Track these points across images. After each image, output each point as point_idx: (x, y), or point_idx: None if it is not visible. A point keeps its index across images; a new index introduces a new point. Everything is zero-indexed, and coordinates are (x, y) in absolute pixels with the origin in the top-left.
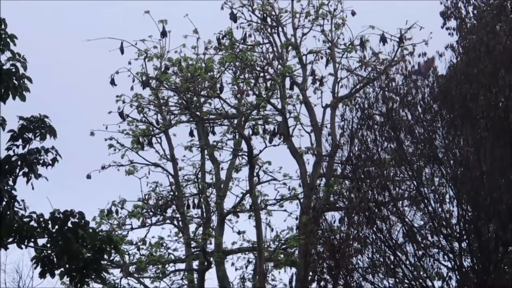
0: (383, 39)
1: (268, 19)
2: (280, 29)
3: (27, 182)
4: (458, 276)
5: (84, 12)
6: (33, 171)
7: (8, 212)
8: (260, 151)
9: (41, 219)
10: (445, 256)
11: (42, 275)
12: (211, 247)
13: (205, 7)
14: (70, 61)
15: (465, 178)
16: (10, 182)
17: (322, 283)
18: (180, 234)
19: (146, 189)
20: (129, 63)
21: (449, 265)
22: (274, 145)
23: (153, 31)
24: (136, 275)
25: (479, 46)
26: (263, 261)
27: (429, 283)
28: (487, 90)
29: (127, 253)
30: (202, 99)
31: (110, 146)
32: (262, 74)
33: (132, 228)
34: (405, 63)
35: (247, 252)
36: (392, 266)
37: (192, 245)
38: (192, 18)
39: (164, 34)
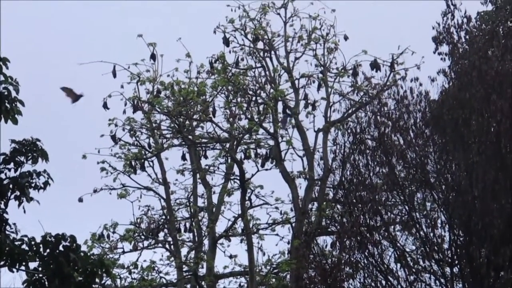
0: (376, 66)
1: (261, 43)
2: (272, 53)
3: (19, 205)
4: None
5: (77, 35)
6: (24, 195)
7: (0, 235)
8: (252, 175)
9: (33, 243)
10: (437, 281)
11: None
12: (203, 271)
13: (198, 31)
14: (62, 84)
15: (457, 203)
16: (2, 205)
17: None
18: (172, 258)
19: (138, 212)
20: (122, 86)
21: None
22: (266, 169)
23: (147, 55)
24: None
25: (471, 71)
26: (255, 285)
27: None
28: (479, 115)
29: (118, 277)
30: (194, 123)
31: (102, 169)
32: (254, 98)
33: (123, 252)
34: (398, 87)
35: (239, 276)
36: None
37: (184, 269)
38: (184, 42)
39: (153, 57)
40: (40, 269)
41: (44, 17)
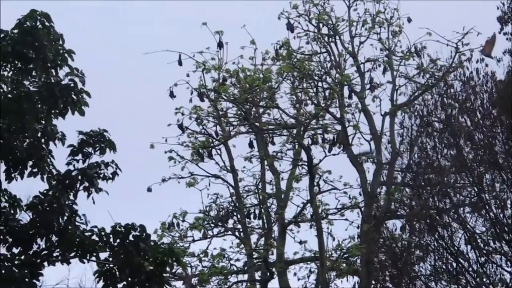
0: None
1: (325, 28)
2: (337, 38)
3: (88, 196)
4: None
5: (142, 25)
6: (93, 186)
7: (70, 227)
8: (320, 161)
9: (103, 233)
10: (508, 262)
11: None
12: (273, 257)
13: (262, 17)
14: (128, 74)
15: None
16: (71, 197)
17: None
18: (242, 245)
19: (207, 200)
20: (187, 75)
21: None
22: (334, 154)
23: (211, 43)
24: (198, 287)
25: None
26: (325, 270)
27: None
28: None
29: (189, 265)
30: (261, 110)
31: (170, 158)
32: (320, 84)
33: (193, 240)
34: (463, 69)
35: (309, 262)
36: (454, 273)
37: (254, 256)
38: (249, 29)
39: (220, 45)
40: (110, 259)
41: (108, 8)
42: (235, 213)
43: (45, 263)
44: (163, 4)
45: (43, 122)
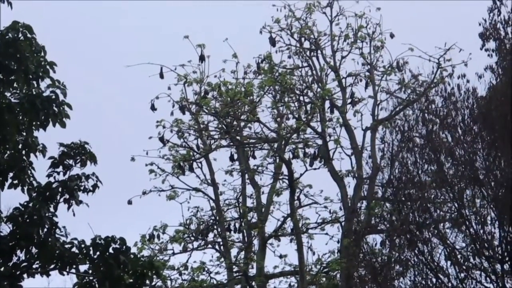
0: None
1: (307, 42)
2: (319, 52)
3: (68, 208)
4: None
5: (124, 37)
6: (74, 198)
7: (50, 239)
8: (301, 175)
9: (83, 246)
10: (488, 278)
11: None
12: (253, 271)
13: (244, 32)
14: (109, 86)
15: (506, 199)
16: (51, 209)
17: None
18: (222, 259)
19: (187, 214)
20: (169, 88)
21: (492, 287)
22: (315, 169)
23: (192, 56)
24: None
25: None
26: (305, 284)
27: None
28: None
29: (169, 278)
30: (242, 123)
31: (151, 171)
32: (301, 98)
33: (173, 253)
34: (445, 84)
35: (289, 276)
36: None
37: (234, 270)
38: (231, 43)
39: (202, 58)
40: (90, 271)
41: (90, 18)
42: (215, 227)
43: (25, 275)
44: (145, 16)
45: (24, 133)
